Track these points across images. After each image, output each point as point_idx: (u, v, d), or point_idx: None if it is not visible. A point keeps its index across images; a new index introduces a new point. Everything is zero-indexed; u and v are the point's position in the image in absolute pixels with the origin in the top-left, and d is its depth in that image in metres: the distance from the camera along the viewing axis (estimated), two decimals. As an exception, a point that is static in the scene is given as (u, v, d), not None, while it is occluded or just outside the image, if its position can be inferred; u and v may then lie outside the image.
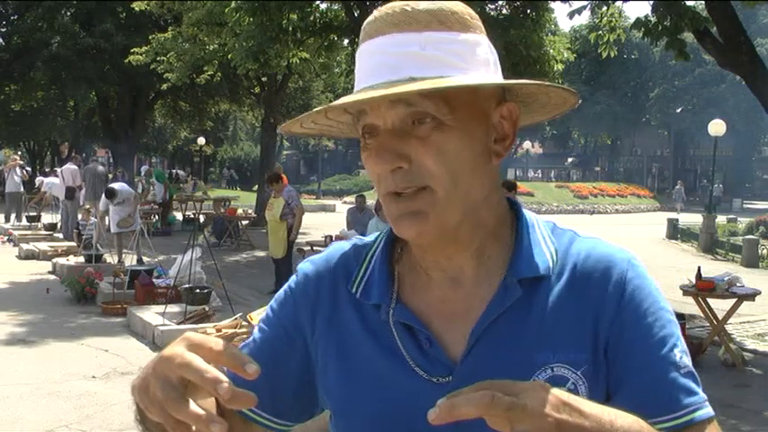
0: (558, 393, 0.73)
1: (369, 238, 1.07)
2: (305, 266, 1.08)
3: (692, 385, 0.91)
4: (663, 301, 0.95)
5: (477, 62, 0.91)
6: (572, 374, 0.91)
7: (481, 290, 0.95)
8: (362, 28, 0.94)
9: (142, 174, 22.53)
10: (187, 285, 8.16)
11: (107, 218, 11.67)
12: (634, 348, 0.92)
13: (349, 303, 1.01)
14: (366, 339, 0.98)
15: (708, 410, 0.91)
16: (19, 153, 44.85)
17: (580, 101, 0.98)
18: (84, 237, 12.38)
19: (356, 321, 0.99)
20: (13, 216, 18.44)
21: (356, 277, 1.02)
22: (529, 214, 1.01)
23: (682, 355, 0.92)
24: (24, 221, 17.84)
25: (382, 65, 0.89)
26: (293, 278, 1.08)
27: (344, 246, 1.08)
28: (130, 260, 10.29)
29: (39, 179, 20.94)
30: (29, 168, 36.89)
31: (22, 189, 18.81)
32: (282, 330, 1.03)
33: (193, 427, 0.75)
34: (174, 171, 36.33)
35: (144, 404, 0.78)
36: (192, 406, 0.74)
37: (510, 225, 0.99)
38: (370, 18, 0.93)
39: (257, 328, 1.06)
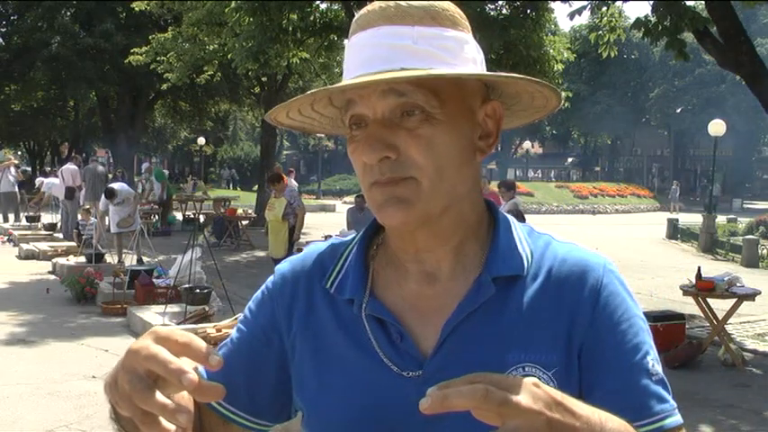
0: (550, 391, 0.73)
1: (347, 238, 1.08)
2: (282, 266, 1.09)
3: (663, 393, 0.92)
4: (636, 307, 0.97)
5: (464, 59, 0.93)
6: (543, 375, 0.91)
7: (456, 286, 0.96)
8: (354, 21, 0.95)
9: (143, 171, 22.45)
10: (187, 285, 8.15)
11: (107, 218, 11.67)
12: (607, 354, 0.93)
13: (324, 300, 1.02)
14: (339, 335, 0.99)
15: (677, 418, 0.92)
16: (19, 153, 44.85)
17: (565, 103, 0.99)
18: (83, 237, 12.37)
19: (330, 318, 1.00)
20: (11, 216, 18.41)
21: (331, 273, 1.02)
22: (506, 216, 1.02)
23: (654, 362, 0.93)
24: (23, 221, 17.82)
25: (374, 56, 0.90)
26: (271, 278, 1.09)
27: (321, 246, 1.09)
28: (130, 260, 10.30)
29: (39, 180, 20.92)
30: (29, 168, 36.85)
31: (16, 189, 18.78)
32: (260, 330, 1.04)
33: (163, 421, 0.75)
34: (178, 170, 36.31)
35: (114, 399, 0.79)
36: (159, 396, 0.74)
37: (487, 224, 1.01)
38: (362, 11, 0.94)
39: (235, 329, 1.07)
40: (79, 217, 14.66)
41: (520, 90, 0.97)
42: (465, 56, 0.93)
